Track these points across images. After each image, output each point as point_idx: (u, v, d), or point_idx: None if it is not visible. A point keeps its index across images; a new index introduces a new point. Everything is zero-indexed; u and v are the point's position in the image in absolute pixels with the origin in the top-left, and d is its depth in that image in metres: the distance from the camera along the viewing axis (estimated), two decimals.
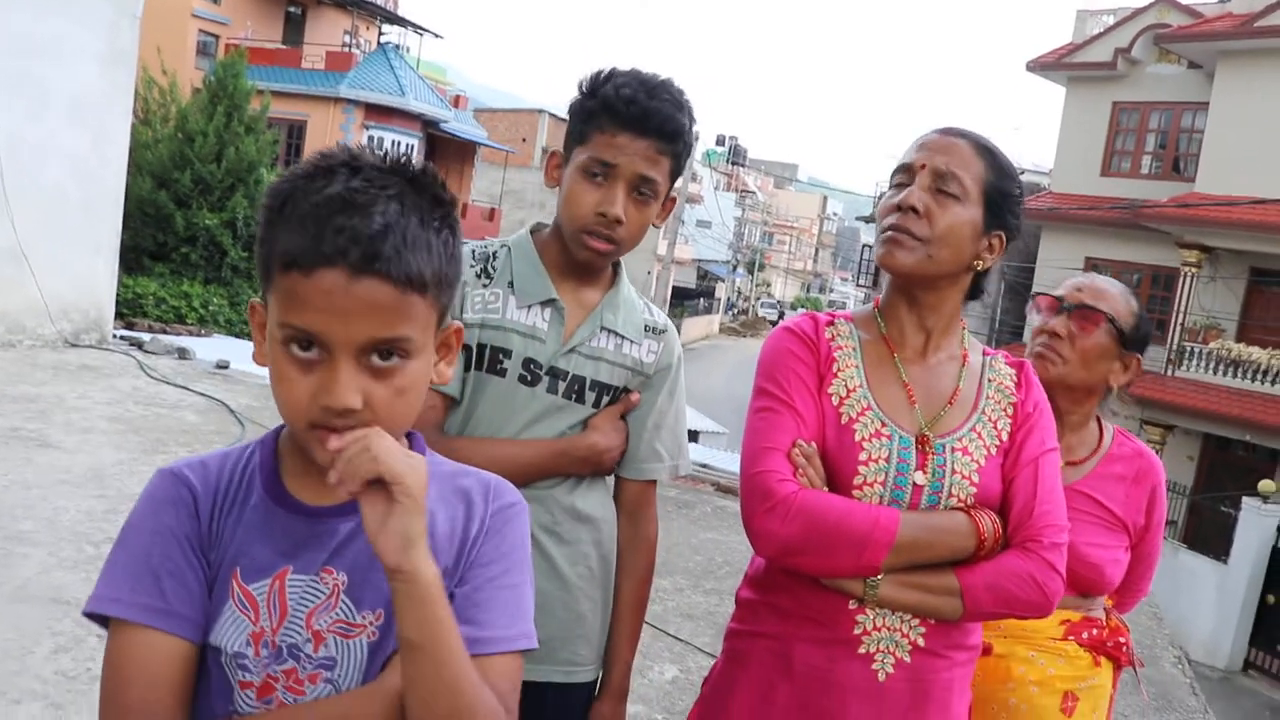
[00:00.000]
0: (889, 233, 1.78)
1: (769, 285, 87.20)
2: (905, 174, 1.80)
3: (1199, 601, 15.57)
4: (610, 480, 2.09)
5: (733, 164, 74.96)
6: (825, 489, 1.69)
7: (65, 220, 9.76)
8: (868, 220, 44.07)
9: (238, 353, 11.49)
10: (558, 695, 1.99)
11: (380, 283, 1.10)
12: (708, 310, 62.07)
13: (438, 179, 1.19)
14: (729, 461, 9.86)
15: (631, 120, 1.86)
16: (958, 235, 1.76)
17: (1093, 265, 22.58)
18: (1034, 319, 2.34)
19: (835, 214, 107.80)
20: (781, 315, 74.81)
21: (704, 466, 9.08)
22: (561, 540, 1.97)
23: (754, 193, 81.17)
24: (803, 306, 78.82)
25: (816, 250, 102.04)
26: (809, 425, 1.72)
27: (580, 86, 1.94)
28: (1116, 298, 2.29)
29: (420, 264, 1.13)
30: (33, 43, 9.25)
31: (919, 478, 1.72)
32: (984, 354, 1.91)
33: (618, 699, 2.07)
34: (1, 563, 4.50)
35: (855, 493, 1.70)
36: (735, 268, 72.63)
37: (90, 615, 1.18)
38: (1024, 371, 1.89)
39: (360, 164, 1.14)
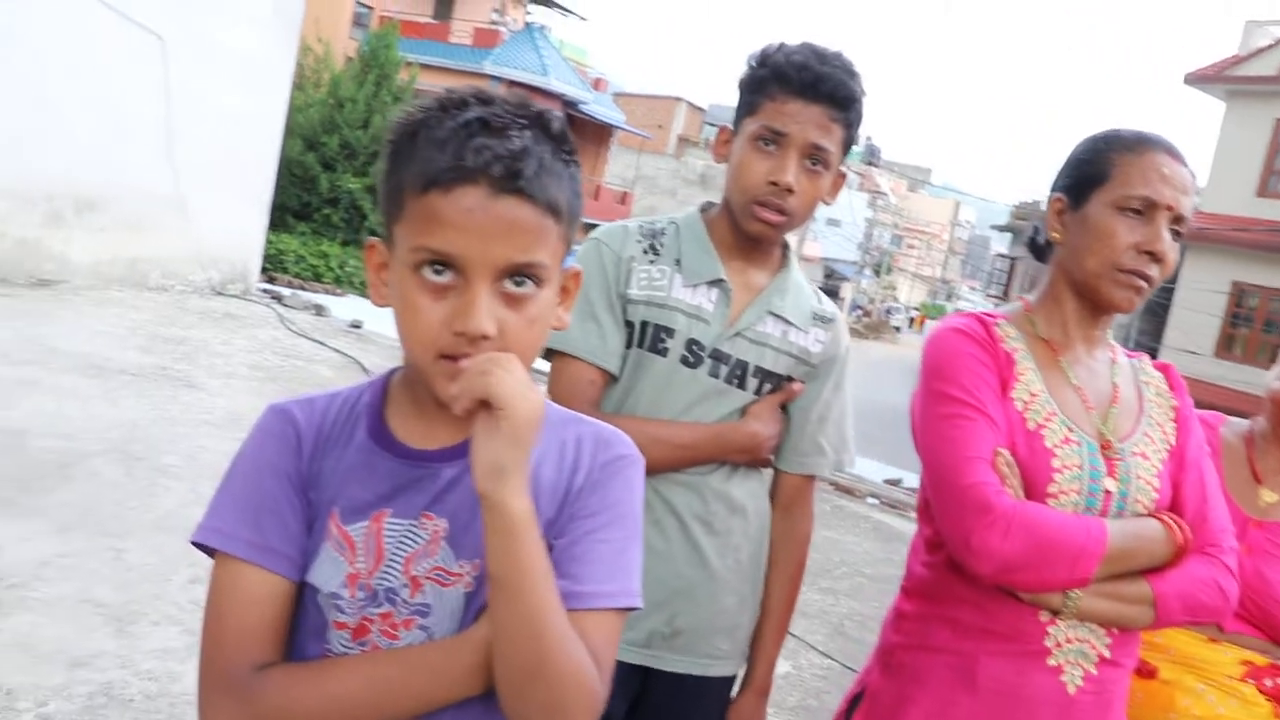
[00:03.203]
0: (1130, 276, 1.68)
1: (895, 289, 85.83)
2: (1145, 205, 1.68)
3: None
4: (766, 472, 2.03)
5: (867, 163, 73.97)
6: (1029, 501, 1.62)
7: (224, 174, 10.15)
8: (1002, 229, 42.99)
9: (371, 314, 11.79)
10: (694, 686, 1.94)
11: (521, 202, 1.09)
12: None
13: (561, 121, 1.18)
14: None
15: (803, 86, 1.80)
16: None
17: (1239, 289, 21.66)
18: None
19: (968, 221, 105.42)
20: (911, 321, 73.53)
21: None
22: (712, 530, 1.91)
23: (886, 194, 79.94)
24: (928, 313, 77.38)
25: (946, 257, 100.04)
26: (1002, 432, 1.66)
27: (750, 60, 1.90)
28: None
29: (555, 189, 1.12)
30: (207, 3, 9.62)
31: (1109, 484, 1.67)
32: (1127, 355, 1.86)
33: (759, 695, 2.01)
34: (147, 492, 4.72)
35: (1050, 501, 1.63)
36: (862, 269, 71.68)
37: (196, 544, 1.19)
38: (1171, 374, 1.86)
39: (489, 97, 1.14)
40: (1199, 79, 23.38)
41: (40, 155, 8.77)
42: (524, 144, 1.09)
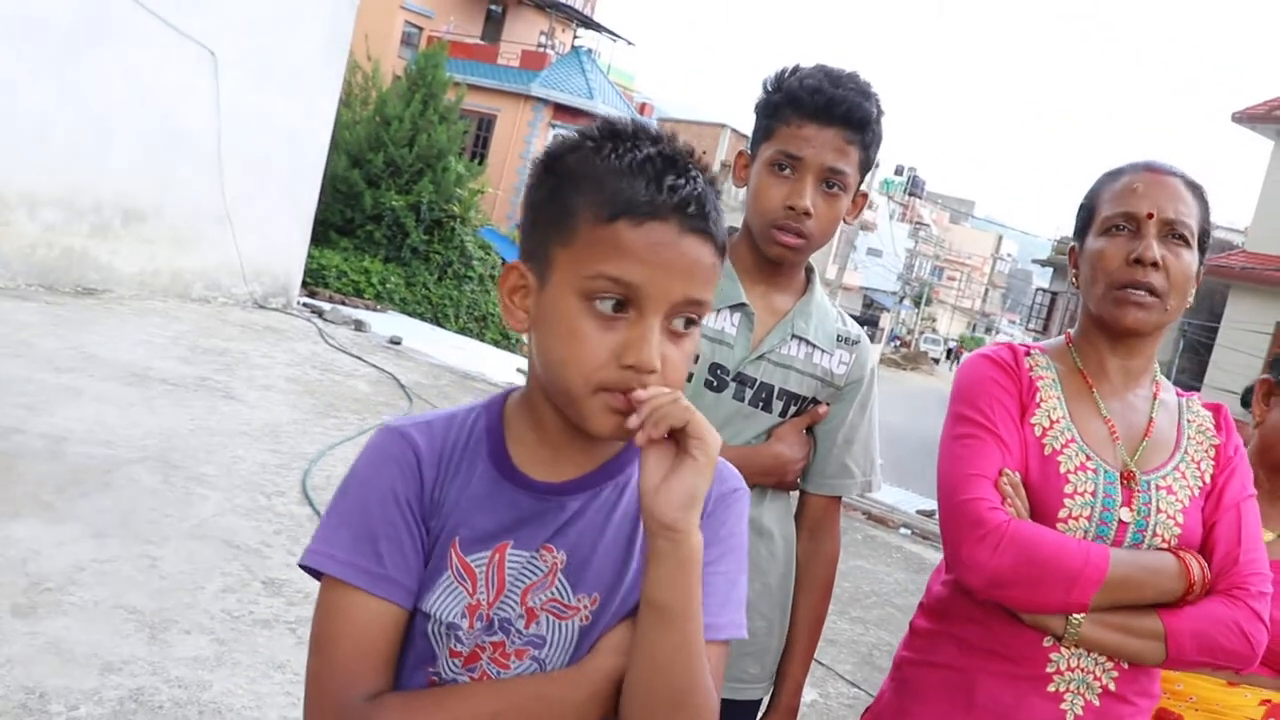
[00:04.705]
0: (1128, 291, 1.69)
1: (934, 320, 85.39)
2: (1127, 221, 1.71)
3: None
4: (792, 496, 2.04)
5: (909, 194, 73.70)
6: (1029, 520, 1.63)
7: (269, 188, 10.29)
8: (1043, 264, 42.67)
9: (410, 330, 11.89)
10: (722, 711, 1.95)
11: (704, 242, 1.11)
12: (871, 340, 61.11)
13: (704, 157, 1.20)
14: (881, 492, 9.68)
15: (817, 110, 1.81)
16: (1188, 283, 1.72)
17: None
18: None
19: (1009, 255, 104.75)
20: (949, 353, 73.12)
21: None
22: None
23: (928, 225, 79.62)
24: (967, 345, 76.86)
25: (986, 290, 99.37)
26: (1013, 454, 1.67)
27: (765, 85, 1.91)
28: None
29: (723, 230, 1.15)
30: (260, 19, 9.79)
31: (1125, 514, 1.66)
32: (1177, 394, 1.85)
33: (786, 716, 2.01)
34: (183, 500, 4.77)
35: (1059, 526, 1.63)
36: (902, 300, 71.42)
37: (305, 567, 1.17)
38: (1221, 415, 1.84)
39: (654, 134, 1.15)
40: (1247, 117, 23.12)
41: (91, 167, 8.93)
42: (704, 184, 1.12)
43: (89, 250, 9.13)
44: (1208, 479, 1.75)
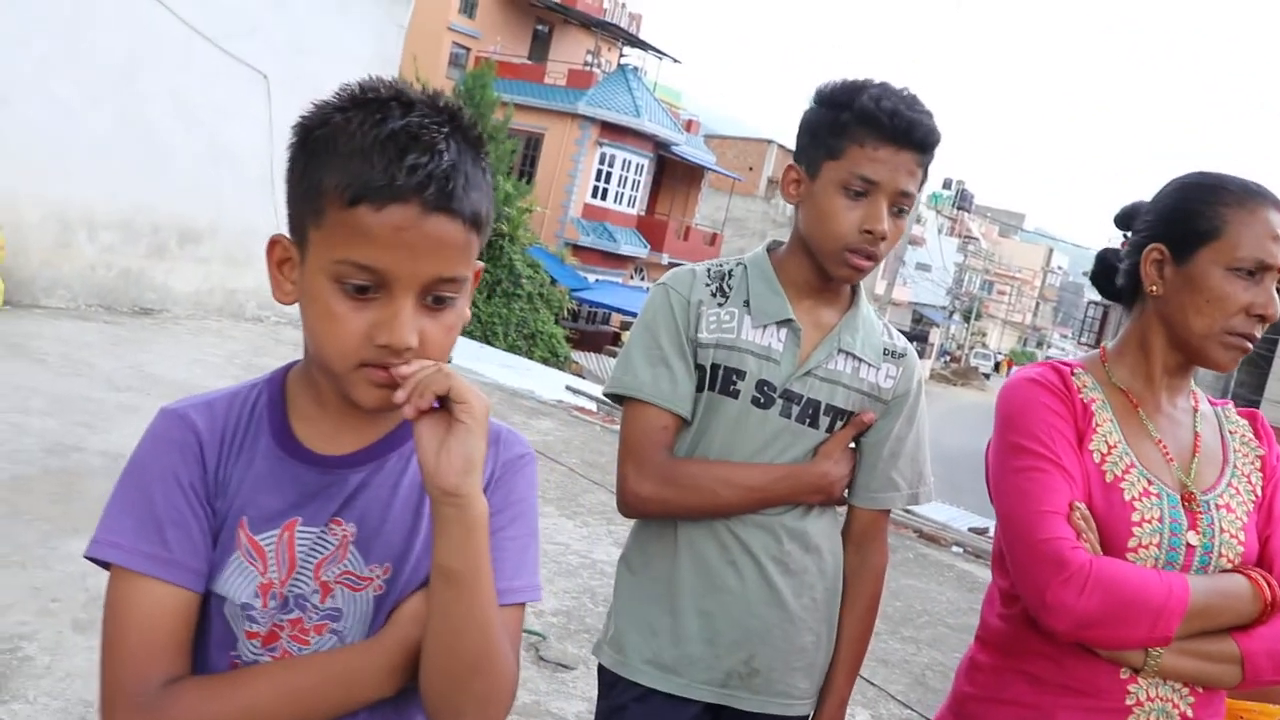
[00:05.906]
0: (1239, 339, 1.64)
1: (984, 335, 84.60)
2: (1259, 268, 1.62)
3: None
4: (840, 510, 2.02)
5: (958, 208, 73.18)
6: (1106, 556, 1.59)
7: None
8: None
9: (458, 348, 11.93)
10: None
11: (450, 220, 1.09)
12: (920, 355, 60.60)
13: (474, 118, 1.17)
14: (933, 510, 9.60)
15: (896, 133, 1.78)
16: None
17: None
18: None
19: (1060, 268, 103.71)
20: (997, 366, 72.40)
21: (907, 512, 8.87)
22: (788, 570, 1.90)
23: (977, 239, 78.99)
24: (1016, 359, 76.06)
25: (1037, 304, 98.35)
26: (1078, 484, 1.62)
27: (821, 100, 1.87)
28: None
29: (478, 201, 1.12)
30: (310, 42, 9.94)
31: (1191, 538, 1.61)
32: (1210, 403, 1.81)
33: None
34: None
35: (1129, 556, 1.59)
36: (952, 314, 70.85)
37: (91, 559, 1.15)
38: (1259, 422, 1.79)
39: (409, 99, 1.12)
40: None
41: (148, 189, 9.11)
42: (452, 159, 1.09)
43: (146, 271, 9.30)
44: (1259, 491, 1.72)
